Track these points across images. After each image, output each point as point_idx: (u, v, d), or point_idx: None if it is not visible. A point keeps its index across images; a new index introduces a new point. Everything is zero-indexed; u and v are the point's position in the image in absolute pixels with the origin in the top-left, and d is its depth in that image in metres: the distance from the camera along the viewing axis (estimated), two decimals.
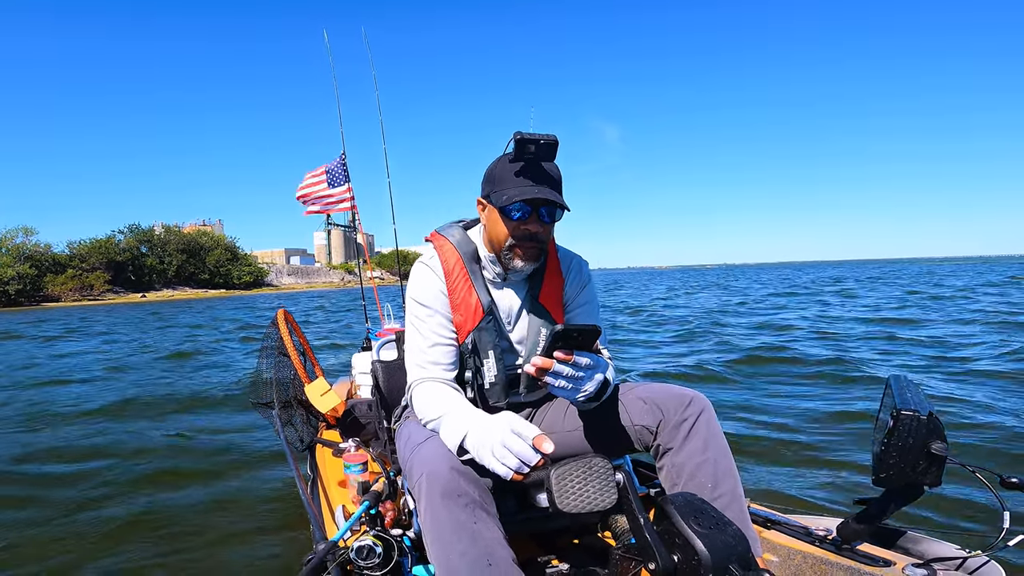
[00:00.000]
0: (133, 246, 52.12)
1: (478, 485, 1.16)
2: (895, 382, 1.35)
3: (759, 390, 5.04)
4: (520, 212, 1.35)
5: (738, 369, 6.05)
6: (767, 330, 9.59)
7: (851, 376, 5.35)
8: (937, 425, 1.19)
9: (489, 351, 1.45)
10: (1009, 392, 4.48)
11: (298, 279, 72.49)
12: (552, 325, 1.48)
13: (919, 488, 1.26)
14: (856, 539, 1.38)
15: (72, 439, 4.28)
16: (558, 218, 1.41)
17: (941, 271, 42.07)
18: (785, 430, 3.75)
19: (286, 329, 2.61)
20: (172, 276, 53.80)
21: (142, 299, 44.09)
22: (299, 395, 2.55)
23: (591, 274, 1.61)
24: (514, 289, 1.50)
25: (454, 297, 1.44)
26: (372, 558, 1.19)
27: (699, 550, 0.98)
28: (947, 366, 5.69)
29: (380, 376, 1.90)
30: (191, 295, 48.46)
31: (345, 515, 1.61)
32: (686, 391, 1.41)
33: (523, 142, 1.29)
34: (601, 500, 1.08)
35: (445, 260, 1.46)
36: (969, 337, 7.68)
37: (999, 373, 5.16)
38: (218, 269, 57.46)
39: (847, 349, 7.03)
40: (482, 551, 1.09)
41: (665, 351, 7.83)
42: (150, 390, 6.25)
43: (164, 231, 56.74)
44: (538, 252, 1.40)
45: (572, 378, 1.18)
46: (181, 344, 11.21)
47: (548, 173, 1.35)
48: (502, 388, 1.48)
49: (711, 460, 1.33)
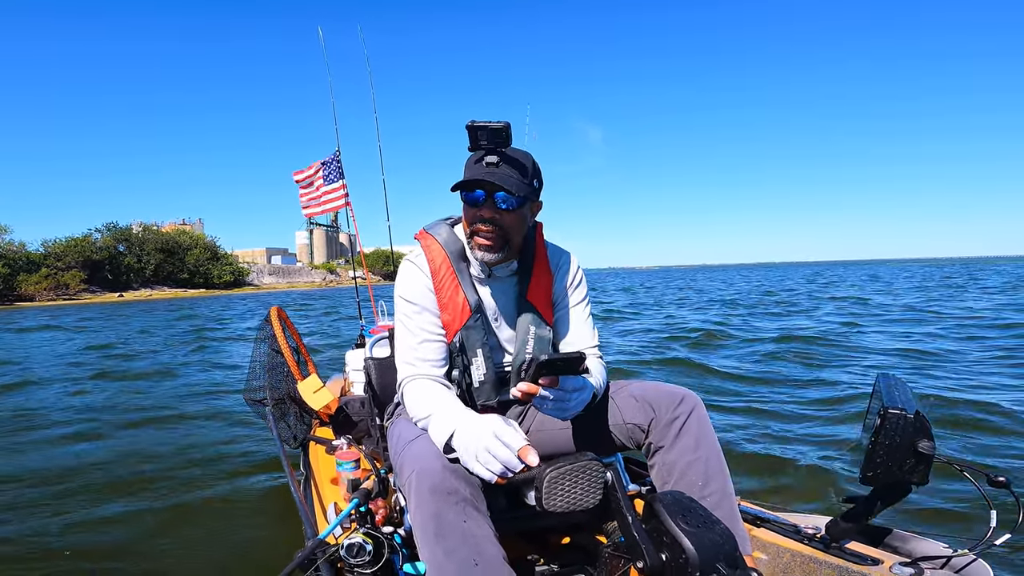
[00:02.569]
0: (110, 245, 51.13)
1: (469, 483, 1.15)
2: (883, 381, 1.35)
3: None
4: (473, 197, 1.33)
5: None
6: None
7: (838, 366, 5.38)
8: (924, 424, 1.20)
9: (477, 349, 1.44)
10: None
11: (279, 279, 71.52)
12: (542, 325, 1.48)
13: (907, 486, 1.27)
14: (844, 537, 1.39)
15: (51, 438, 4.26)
16: (518, 206, 1.35)
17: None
18: (775, 422, 3.76)
19: (279, 326, 2.60)
20: (150, 275, 52.99)
21: (119, 299, 43.29)
22: (292, 392, 2.55)
23: (584, 273, 1.58)
24: (502, 286, 1.49)
25: (441, 296, 1.43)
26: (362, 555, 1.19)
27: (687, 548, 0.98)
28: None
29: (373, 373, 1.90)
30: (170, 295, 47.70)
31: (337, 512, 1.61)
32: (678, 389, 1.41)
33: (472, 129, 1.28)
34: (586, 499, 1.09)
35: (432, 259, 1.45)
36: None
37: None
38: (198, 268, 56.63)
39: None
40: (472, 549, 1.09)
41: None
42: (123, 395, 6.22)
43: (143, 230, 55.91)
44: (498, 241, 1.36)
45: (559, 401, 1.19)
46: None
47: (508, 158, 1.32)
48: (492, 386, 1.47)
49: (702, 458, 1.34)
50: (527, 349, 1.47)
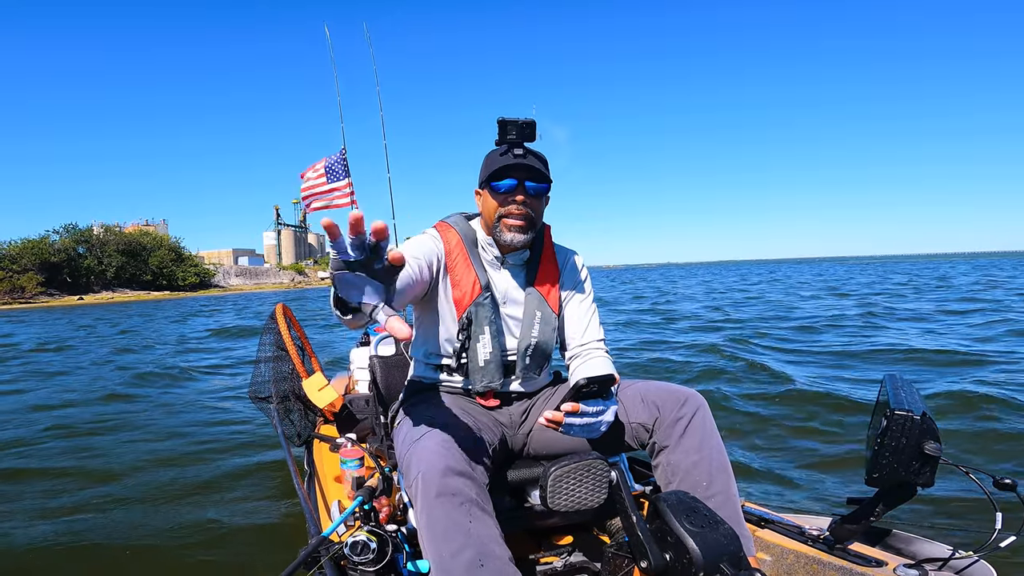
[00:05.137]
0: (69, 247, 49.08)
1: (474, 483, 1.16)
2: (890, 381, 1.35)
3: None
4: (506, 185, 1.43)
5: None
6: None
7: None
8: (931, 425, 1.19)
9: (485, 327, 1.47)
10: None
11: (246, 280, 69.56)
12: (548, 311, 1.53)
13: (912, 488, 1.26)
14: (848, 539, 1.38)
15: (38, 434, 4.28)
16: (544, 193, 1.48)
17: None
18: (775, 424, 3.75)
19: (285, 324, 2.61)
20: (112, 278, 51.40)
21: (79, 301, 42.08)
22: (297, 390, 2.56)
23: (589, 271, 1.64)
24: (512, 272, 1.54)
25: (453, 273, 1.49)
26: (366, 553, 1.19)
27: (691, 549, 0.98)
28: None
29: (378, 371, 1.90)
30: (132, 297, 46.33)
31: (341, 510, 1.62)
32: (682, 389, 1.41)
33: (504, 124, 1.40)
34: (591, 498, 1.09)
35: (447, 240, 1.52)
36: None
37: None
38: (161, 270, 55.18)
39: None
40: (477, 550, 1.10)
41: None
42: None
43: (104, 231, 54.37)
44: (527, 225, 1.46)
45: (585, 425, 1.23)
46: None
47: (531, 151, 1.44)
48: (496, 368, 1.49)
49: (706, 458, 1.34)
50: (533, 333, 1.51)
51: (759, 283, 27.10)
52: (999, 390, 4.17)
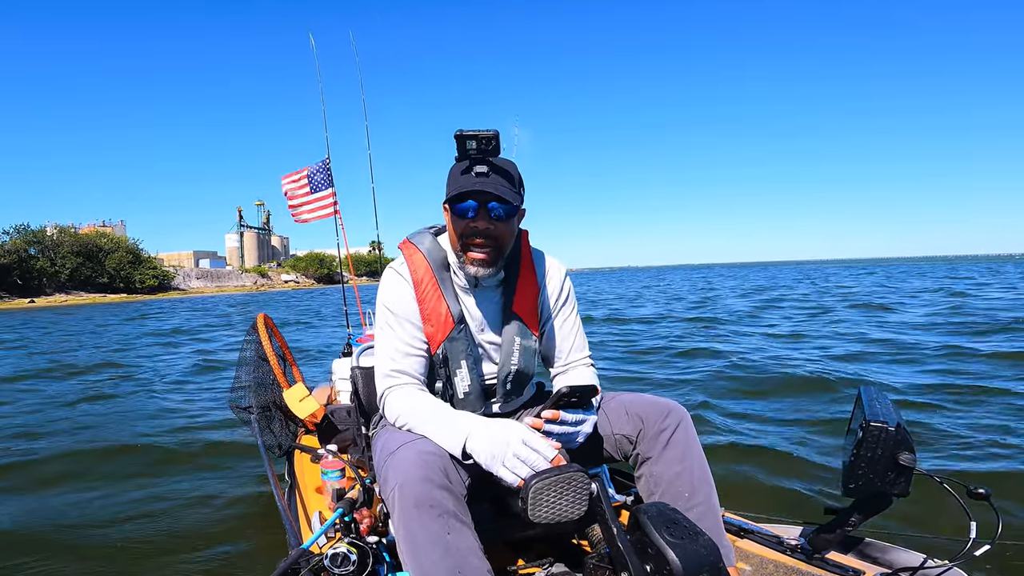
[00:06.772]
0: (20, 248, 47.53)
1: (452, 494, 1.15)
2: (865, 393, 1.38)
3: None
4: (466, 208, 1.31)
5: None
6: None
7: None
8: (905, 436, 1.22)
9: (461, 361, 1.43)
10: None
11: (208, 283, 68.31)
12: (528, 336, 1.48)
13: (888, 498, 1.29)
14: (826, 548, 1.40)
15: None
16: (511, 215, 1.35)
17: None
18: (758, 436, 3.79)
19: (266, 334, 2.59)
20: (66, 280, 49.85)
21: (30, 304, 40.90)
22: (278, 400, 2.53)
23: (571, 283, 1.57)
24: (487, 296, 1.48)
25: (424, 307, 1.42)
26: (346, 565, 1.18)
27: (671, 560, 0.99)
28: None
29: (359, 382, 1.89)
30: (87, 300, 45.32)
31: (321, 521, 1.60)
32: (665, 401, 1.42)
33: (462, 138, 1.27)
34: (572, 511, 1.09)
35: (414, 269, 1.43)
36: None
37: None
38: (119, 272, 53.86)
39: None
40: (456, 562, 1.09)
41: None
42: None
43: (58, 232, 53.04)
44: (491, 256, 1.35)
45: (563, 433, 1.25)
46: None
47: (498, 168, 1.31)
48: (476, 398, 1.47)
49: (688, 469, 1.35)
50: (512, 360, 1.47)
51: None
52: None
